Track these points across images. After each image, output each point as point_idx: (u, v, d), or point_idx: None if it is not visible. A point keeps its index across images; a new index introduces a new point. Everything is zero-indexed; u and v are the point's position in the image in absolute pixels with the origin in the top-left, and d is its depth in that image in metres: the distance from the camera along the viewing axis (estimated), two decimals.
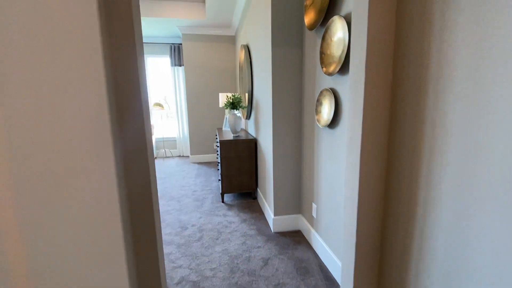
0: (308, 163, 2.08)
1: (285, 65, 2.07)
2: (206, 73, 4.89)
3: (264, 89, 2.41)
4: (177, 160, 5.32)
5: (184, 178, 4.00)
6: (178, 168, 4.66)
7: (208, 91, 4.95)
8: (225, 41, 4.85)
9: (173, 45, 5.22)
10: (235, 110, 3.02)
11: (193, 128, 5.01)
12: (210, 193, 3.32)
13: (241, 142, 2.88)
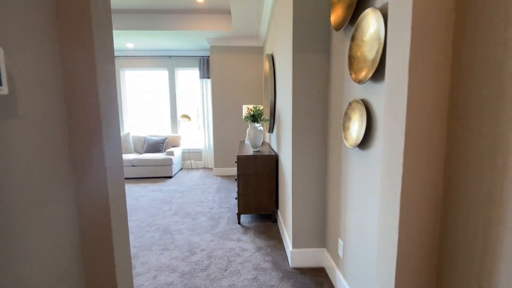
0: (334, 190, 1.74)
1: (307, 72, 1.79)
2: (233, 85, 4.79)
3: (285, 100, 2.15)
4: (201, 172, 5.23)
5: (204, 193, 3.83)
6: (200, 181, 4.54)
7: (234, 103, 4.83)
8: (253, 52, 4.73)
9: (202, 58, 5.25)
10: (256, 123, 2.79)
11: (218, 140, 4.90)
12: (228, 211, 3.08)
13: (261, 158, 2.62)
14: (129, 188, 4.11)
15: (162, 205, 3.33)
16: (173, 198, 3.60)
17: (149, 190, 3.98)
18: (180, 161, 5.36)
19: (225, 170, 4.96)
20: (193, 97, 5.72)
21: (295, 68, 1.79)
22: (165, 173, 4.73)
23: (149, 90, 5.68)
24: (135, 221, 2.84)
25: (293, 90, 1.81)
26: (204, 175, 4.94)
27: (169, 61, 5.44)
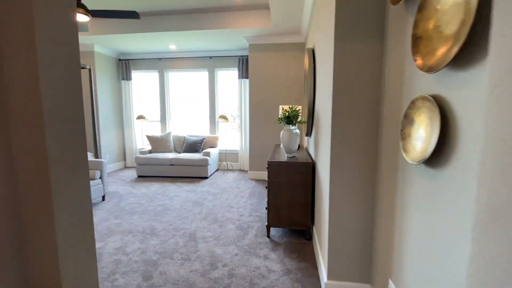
0: (385, 215, 1.35)
1: (352, 64, 1.44)
2: (271, 84, 4.54)
3: (324, 99, 1.81)
4: (236, 174, 5.09)
5: (236, 197, 3.65)
6: (234, 183, 4.39)
7: (272, 104, 4.57)
8: (294, 49, 4.41)
9: (241, 58, 5.12)
10: (291, 126, 2.49)
11: (253, 142, 4.69)
12: (258, 221, 2.83)
13: (295, 165, 2.31)
14: (166, 187, 4.16)
15: (193, 207, 3.24)
16: (205, 201, 3.49)
17: (183, 190, 3.97)
18: (216, 162, 5.31)
19: (260, 174, 4.73)
20: (231, 98, 5.64)
21: (337, 59, 1.45)
22: (201, 173, 4.71)
23: (190, 91, 5.78)
24: (164, 223, 2.78)
25: (334, 86, 1.48)
26: (239, 178, 4.78)
27: (210, 61, 5.44)
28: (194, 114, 5.87)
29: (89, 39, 4.59)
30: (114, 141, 5.58)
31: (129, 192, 3.92)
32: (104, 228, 2.66)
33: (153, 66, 5.64)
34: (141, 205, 3.35)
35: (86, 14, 2.82)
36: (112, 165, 5.50)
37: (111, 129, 5.46)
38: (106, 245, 2.31)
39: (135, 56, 5.63)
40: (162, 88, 5.70)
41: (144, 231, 2.58)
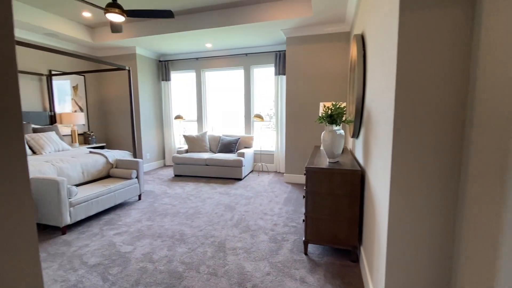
0: (471, 248, 0.95)
1: (425, 42, 1.05)
2: (310, 79, 4.16)
3: (381, 93, 1.43)
4: (271, 176, 4.82)
5: (270, 202, 3.39)
6: (269, 187, 4.12)
7: (311, 101, 4.19)
8: (337, 39, 3.96)
9: (278, 53, 4.83)
10: (335, 126, 2.12)
11: (290, 143, 4.37)
12: (294, 232, 2.53)
13: (338, 173, 1.95)
14: (200, 188, 4.08)
15: (224, 212, 3.06)
16: (237, 205, 3.30)
17: (217, 192, 3.84)
18: (251, 163, 5.11)
19: (297, 178, 4.39)
20: (267, 96, 5.38)
21: (402, 37, 1.08)
22: (235, 174, 4.56)
23: (226, 90, 5.68)
24: (194, 228, 2.65)
25: (398, 74, 1.11)
26: (274, 181, 4.51)
27: (246, 59, 5.26)
28: (229, 113, 5.76)
29: (130, 42, 4.75)
30: (154, 140, 5.76)
31: (164, 192, 3.93)
32: (136, 230, 2.62)
33: (191, 66, 5.67)
34: (174, 206, 3.29)
35: (121, 14, 2.81)
36: (152, 164, 5.68)
37: (151, 129, 5.64)
38: (135, 249, 2.24)
39: (174, 57, 5.72)
40: (199, 88, 5.70)
41: (173, 236, 2.47)
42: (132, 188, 3.39)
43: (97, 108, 5.44)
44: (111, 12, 2.72)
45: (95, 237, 2.47)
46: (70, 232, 2.58)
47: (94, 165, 3.36)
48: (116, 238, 2.45)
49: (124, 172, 3.43)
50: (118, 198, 3.16)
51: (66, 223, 2.53)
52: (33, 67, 4.24)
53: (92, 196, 2.82)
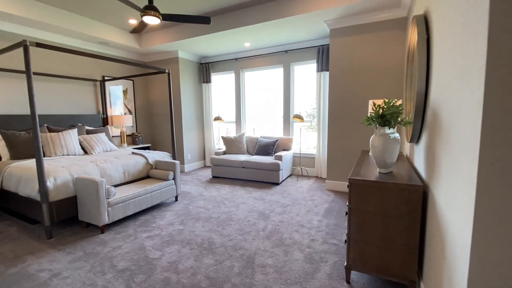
0: None
1: None
2: (357, 75, 3.68)
3: (456, 83, 1.04)
4: (311, 182, 4.45)
5: (309, 212, 3.06)
6: (308, 194, 3.77)
7: (358, 99, 3.71)
8: (389, 27, 3.42)
9: (321, 48, 4.44)
10: (387, 128, 1.73)
11: (333, 146, 3.94)
12: (335, 252, 2.17)
13: (392, 188, 1.56)
14: (235, 191, 3.95)
15: (258, 220, 2.85)
16: (271, 213, 3.05)
17: (251, 197, 3.65)
18: (289, 167, 4.81)
19: (340, 185, 3.94)
20: (308, 95, 5.01)
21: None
22: (271, 178, 4.32)
23: (265, 90, 5.48)
24: (224, 236, 2.49)
25: (490, 57, 0.74)
26: (314, 187, 4.13)
27: (285, 56, 4.98)
28: (268, 114, 5.54)
29: (173, 46, 4.88)
30: (195, 141, 5.86)
31: (200, 194, 3.90)
32: (167, 234, 2.57)
33: (230, 67, 5.62)
34: (207, 210, 3.20)
35: (157, 17, 2.81)
36: (193, 164, 5.78)
37: (193, 130, 5.75)
38: (162, 256, 2.17)
39: (214, 59, 5.74)
40: (237, 88, 5.61)
41: (202, 244, 2.35)
42: (168, 190, 3.41)
43: (144, 110, 5.76)
44: (148, 14, 2.73)
45: (128, 238, 2.49)
46: (108, 231, 2.65)
47: (135, 165, 3.47)
48: (147, 241, 2.42)
49: (162, 173, 3.47)
50: (154, 199, 3.20)
51: (105, 222, 2.61)
52: (89, 74, 4.63)
53: (130, 196, 2.88)
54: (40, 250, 2.28)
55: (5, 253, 2.24)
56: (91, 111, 4.71)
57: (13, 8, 3.23)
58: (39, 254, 2.22)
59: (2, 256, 2.19)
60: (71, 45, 4.31)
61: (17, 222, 2.92)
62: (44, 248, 2.33)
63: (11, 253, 2.25)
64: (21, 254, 2.22)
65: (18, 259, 2.15)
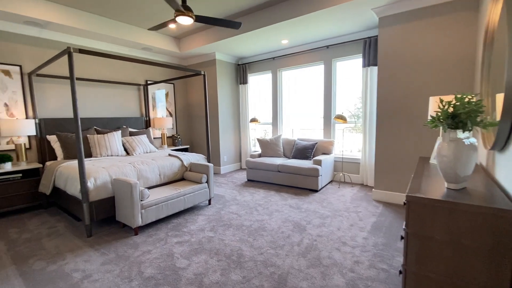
0: None
1: None
2: (412, 68, 3.16)
3: None
4: (355, 190, 3.99)
5: (353, 227, 2.68)
6: (352, 204, 3.36)
7: (414, 96, 3.18)
8: (456, 9, 2.84)
9: (367, 40, 3.97)
10: (460, 132, 1.32)
11: (383, 150, 3.46)
12: (385, 281, 1.80)
13: (469, 210, 1.17)
14: (269, 197, 3.73)
15: (292, 233, 2.58)
16: (308, 225, 2.75)
17: (287, 205, 3.39)
18: (330, 172, 4.40)
19: (391, 196, 3.43)
20: (352, 93, 4.54)
21: None
22: (309, 185, 3.99)
23: (303, 90, 5.15)
24: (255, 249, 2.29)
25: None
26: (359, 196, 3.68)
27: (327, 52, 4.59)
28: (306, 115, 5.21)
29: (211, 48, 4.87)
30: (232, 143, 5.81)
31: (234, 198, 3.77)
32: (196, 241, 2.47)
33: (267, 67, 5.43)
34: (239, 217, 3.03)
35: (191, 17, 2.75)
36: (229, 166, 5.73)
37: (229, 132, 5.70)
38: (189, 266, 2.05)
39: (251, 59, 5.62)
40: (274, 89, 5.39)
41: (230, 256, 2.18)
42: (201, 193, 3.34)
43: (183, 112, 5.91)
44: (181, 15, 2.68)
45: (159, 243, 2.45)
46: (142, 233, 2.66)
47: (170, 167, 3.49)
48: (176, 248, 2.35)
49: (196, 176, 3.43)
50: (187, 202, 3.16)
51: (138, 224, 2.62)
52: (133, 79, 4.88)
53: (163, 199, 2.87)
54: (79, 249, 2.37)
55: (50, 249, 2.38)
56: (135, 114, 4.96)
57: (67, 19, 3.51)
58: (77, 252, 2.30)
59: (47, 252, 2.31)
60: (118, 52, 4.58)
61: (66, 218, 3.13)
62: (82, 246, 2.41)
63: (55, 249, 2.37)
64: (62, 251, 2.32)
65: (59, 256, 2.24)
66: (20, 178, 3.29)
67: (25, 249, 2.38)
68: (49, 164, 3.45)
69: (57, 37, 3.80)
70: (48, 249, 2.38)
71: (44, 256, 2.25)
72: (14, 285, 1.85)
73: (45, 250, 2.36)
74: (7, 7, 3.01)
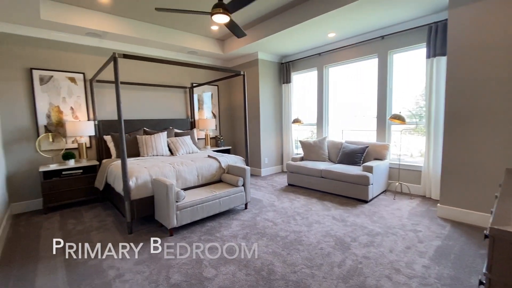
0: None
1: None
2: (495, 57, 2.49)
3: None
4: (415, 204, 3.39)
5: (409, 250, 2.21)
6: (410, 221, 2.83)
7: (498, 92, 2.51)
8: None
9: (432, 26, 3.34)
10: None
11: (451, 157, 2.83)
12: None
13: None
14: (310, 205, 3.42)
15: (333, 250, 2.26)
16: (354, 243, 2.38)
17: (329, 216, 3.04)
18: (383, 181, 3.85)
19: (463, 214, 2.78)
20: (412, 89, 3.90)
21: None
22: (358, 194, 3.53)
23: (353, 87, 4.66)
24: (288, 265, 2.05)
25: None
26: (420, 212, 3.10)
27: (381, 43, 4.04)
28: (356, 115, 4.69)
29: (253, 47, 4.77)
30: (273, 145, 5.62)
31: (271, 203, 3.57)
32: (227, 249, 2.34)
33: (312, 64, 5.08)
34: (275, 225, 2.82)
35: (226, 14, 2.65)
36: (270, 169, 5.56)
37: (271, 133, 5.53)
38: (216, 277, 1.93)
39: (295, 57, 5.34)
40: (320, 87, 5.01)
41: (260, 271, 1.98)
42: (237, 197, 3.23)
43: (226, 114, 5.96)
44: (216, 13, 2.60)
45: (190, 247, 2.40)
46: (176, 235, 2.67)
47: (208, 169, 3.47)
48: (206, 254, 2.26)
49: (232, 179, 3.34)
50: (222, 206, 3.08)
51: (173, 225, 2.63)
52: (180, 82, 5.09)
53: (198, 201, 2.84)
54: (119, 245, 2.47)
55: (95, 242, 2.54)
56: (182, 115, 5.16)
57: (121, 29, 3.80)
58: (117, 249, 2.40)
59: (92, 246, 2.47)
60: (166, 57, 4.81)
61: (115, 214, 3.36)
62: (122, 243, 2.51)
63: (99, 243, 2.52)
64: (104, 246, 2.45)
65: (101, 251, 2.37)
66: (80, 174, 3.67)
67: (75, 240, 2.59)
68: (104, 162, 3.78)
69: (114, 46, 4.16)
70: (94, 242, 2.54)
71: (89, 249, 2.40)
72: (58, 276, 1.98)
73: (91, 243, 2.53)
74: (71, 21, 3.38)
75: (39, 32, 3.50)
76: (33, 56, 3.51)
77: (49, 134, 3.66)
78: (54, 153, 3.68)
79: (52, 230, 2.88)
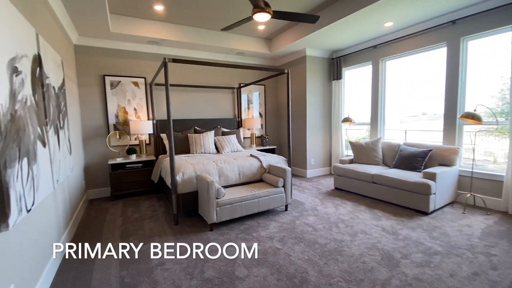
0: None
1: None
2: None
3: None
4: (492, 221, 2.80)
5: (477, 277, 1.82)
6: (483, 241, 2.34)
7: None
8: None
9: None
10: None
11: None
12: None
13: None
14: (357, 213, 3.14)
15: (378, 266, 2.02)
16: (404, 260, 2.09)
17: (378, 227, 2.74)
18: (450, 190, 3.29)
19: None
20: (490, 81, 3.21)
21: None
22: (416, 204, 3.09)
23: (413, 82, 4.10)
24: (323, 276, 1.91)
25: None
26: (497, 231, 2.54)
27: (452, 29, 3.44)
28: (418, 114, 4.13)
29: (301, 44, 4.63)
30: (321, 145, 5.36)
31: (313, 207, 3.41)
32: (262, 250, 2.32)
33: (367, 57, 4.66)
34: (315, 231, 2.68)
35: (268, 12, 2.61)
36: (316, 170, 5.32)
37: (318, 133, 5.29)
38: (247, 277, 1.92)
39: (347, 51, 4.98)
40: (375, 83, 4.56)
41: (292, 278, 1.90)
42: (276, 198, 3.18)
43: (272, 113, 5.93)
44: (258, 12, 2.59)
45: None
46: (216, 230, 2.77)
47: (250, 168, 3.50)
48: (241, 253, 2.28)
49: (272, 179, 3.30)
50: (261, 206, 3.06)
51: (213, 221, 2.73)
52: (229, 82, 5.26)
53: (237, 199, 2.88)
54: (165, 235, 2.69)
55: (146, 231, 2.81)
56: (229, 115, 5.35)
57: (175, 35, 4.12)
58: (163, 238, 2.61)
59: (143, 233, 2.75)
60: (217, 60, 5.03)
61: (166, 205, 3.67)
62: (168, 233, 2.72)
63: (150, 231, 2.79)
64: (154, 234, 2.70)
65: (150, 239, 2.61)
66: (140, 167, 4.13)
67: (131, 227, 2.92)
68: (160, 157, 4.17)
69: (170, 52, 4.54)
70: (146, 230, 2.82)
71: (141, 236, 2.68)
72: (110, 259, 2.25)
73: (143, 230, 2.81)
74: (135, 31, 3.82)
75: (110, 43, 4.05)
76: (105, 64, 4.09)
77: (116, 131, 4.21)
78: (120, 148, 4.23)
79: (115, 215, 3.31)
